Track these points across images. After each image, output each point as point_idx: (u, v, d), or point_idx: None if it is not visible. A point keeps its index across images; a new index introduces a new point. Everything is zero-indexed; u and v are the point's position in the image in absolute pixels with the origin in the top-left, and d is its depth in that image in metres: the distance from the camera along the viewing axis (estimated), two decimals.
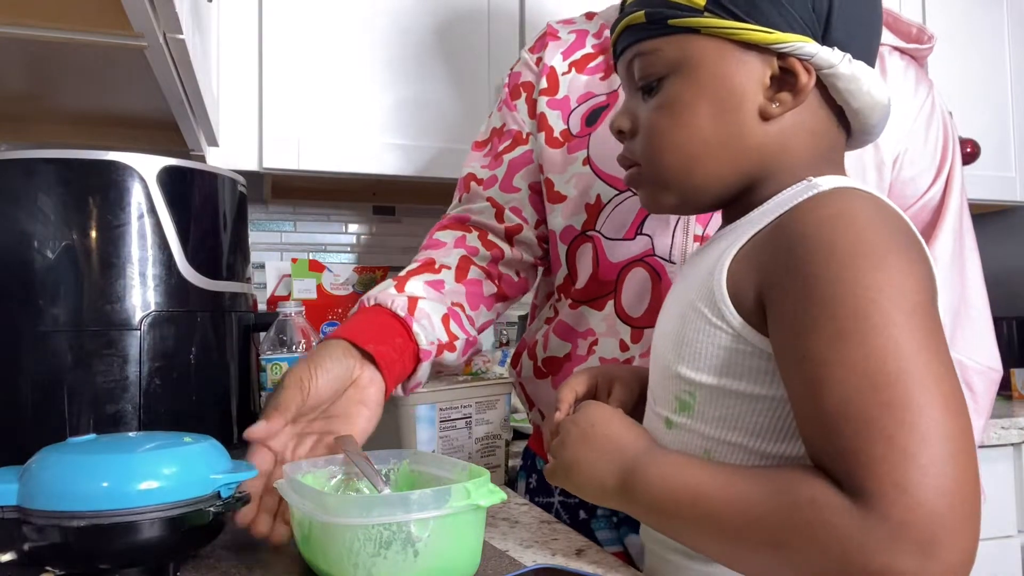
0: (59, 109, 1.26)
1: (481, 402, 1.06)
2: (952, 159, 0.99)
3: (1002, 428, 1.60)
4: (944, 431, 0.48)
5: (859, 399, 0.50)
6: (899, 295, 0.52)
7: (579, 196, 0.99)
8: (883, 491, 0.48)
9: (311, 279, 1.42)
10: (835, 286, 0.53)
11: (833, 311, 0.52)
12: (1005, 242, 2.20)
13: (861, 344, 0.51)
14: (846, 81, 0.62)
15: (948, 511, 0.46)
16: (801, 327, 0.54)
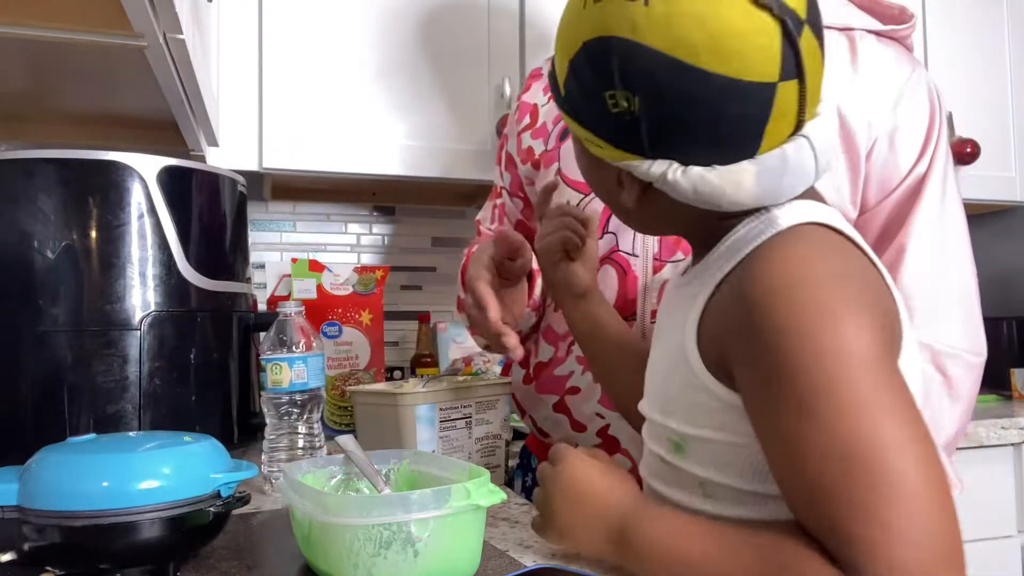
0: (59, 109, 1.26)
1: (481, 402, 1.06)
2: (937, 139, 0.96)
3: (1002, 428, 1.60)
4: (924, 498, 0.49)
5: (833, 475, 0.51)
6: (853, 358, 0.52)
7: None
8: (872, 568, 0.48)
9: (311, 279, 1.42)
10: (790, 363, 0.54)
11: (792, 386, 0.53)
12: (1005, 242, 2.20)
13: (826, 419, 0.52)
14: (672, 187, 0.62)
15: (938, 567, 0.48)
16: (767, 404, 0.55)
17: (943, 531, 0.48)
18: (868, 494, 0.49)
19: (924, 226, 0.94)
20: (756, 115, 0.59)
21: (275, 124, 1.50)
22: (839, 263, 0.58)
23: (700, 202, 0.62)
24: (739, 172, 0.60)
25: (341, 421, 1.40)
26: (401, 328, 1.91)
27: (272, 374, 0.94)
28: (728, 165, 0.60)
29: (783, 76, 0.58)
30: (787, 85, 0.59)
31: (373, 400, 1.07)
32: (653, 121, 0.60)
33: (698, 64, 0.57)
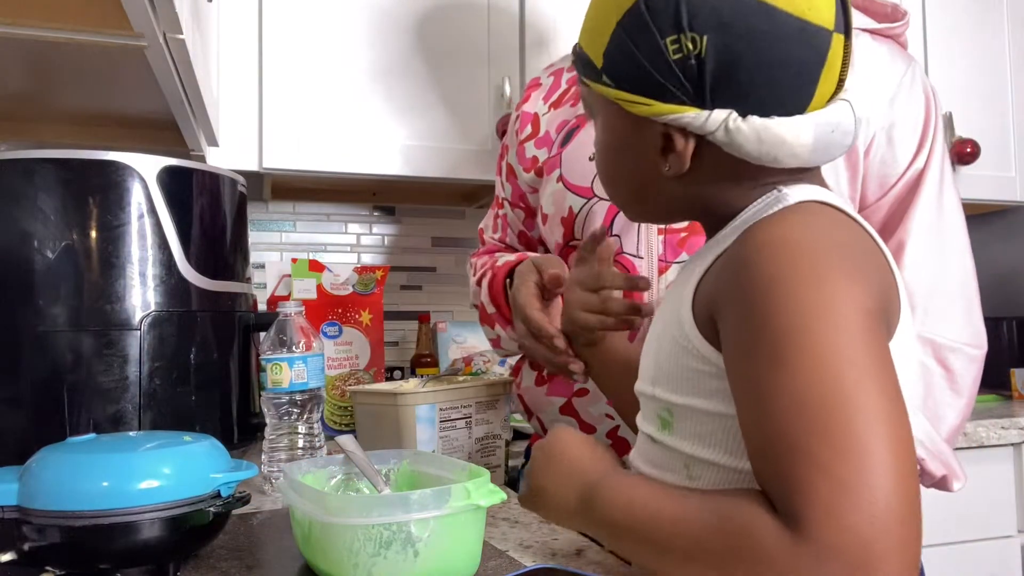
0: (59, 109, 1.26)
1: (481, 402, 1.06)
2: (934, 134, 0.97)
3: (1002, 428, 1.60)
4: (879, 456, 0.48)
5: (794, 426, 0.51)
6: (836, 316, 0.52)
7: (556, 212, 1.05)
8: (814, 516, 0.48)
9: (311, 279, 1.42)
10: (772, 311, 0.54)
11: (770, 336, 0.53)
12: (1005, 242, 2.20)
13: (797, 370, 0.52)
14: (733, 137, 0.61)
15: (881, 537, 0.47)
16: (742, 352, 0.56)
17: (898, 495, 0.48)
18: (825, 447, 0.49)
19: (923, 221, 0.94)
20: (814, 62, 0.60)
21: (275, 124, 1.50)
22: (840, 234, 0.58)
23: (760, 153, 0.61)
24: (799, 123, 0.61)
25: (341, 421, 1.40)
26: (401, 328, 1.92)
27: (272, 374, 0.94)
28: (787, 117, 0.61)
29: (836, 27, 0.60)
30: (838, 37, 0.60)
31: (373, 400, 1.07)
32: (720, 62, 0.60)
33: (770, 0, 0.59)
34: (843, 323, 0.52)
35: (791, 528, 0.49)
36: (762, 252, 0.57)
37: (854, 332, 0.52)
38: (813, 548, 0.47)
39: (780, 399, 0.52)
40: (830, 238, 0.57)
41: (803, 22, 0.59)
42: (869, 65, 0.96)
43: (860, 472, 0.48)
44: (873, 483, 0.48)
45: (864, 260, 0.58)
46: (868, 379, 0.51)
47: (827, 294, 0.53)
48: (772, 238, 0.57)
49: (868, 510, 0.47)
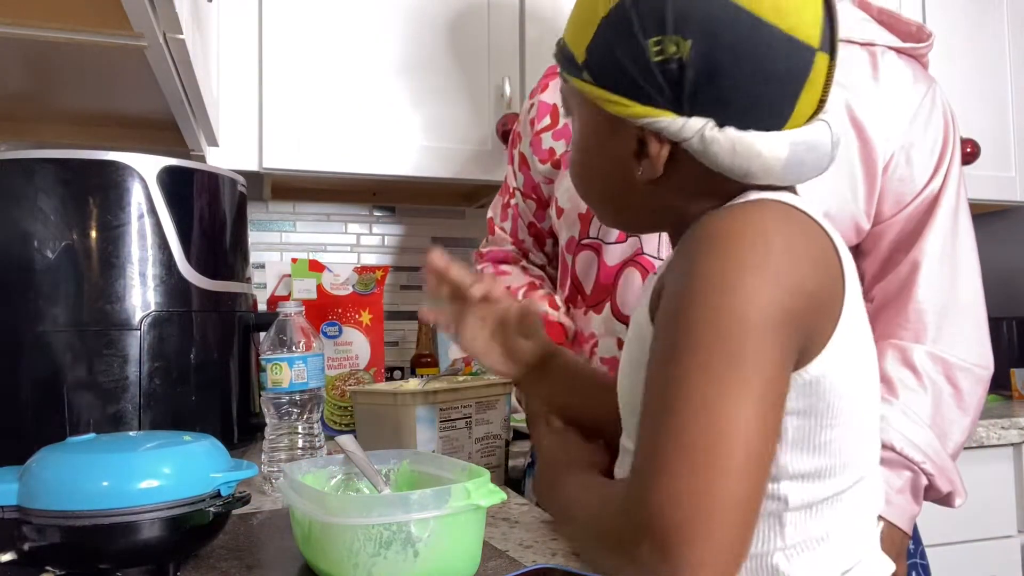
0: (59, 109, 1.26)
1: (481, 402, 1.06)
2: (952, 157, 0.99)
3: (1002, 428, 1.60)
4: (706, 461, 0.51)
5: (648, 415, 0.56)
6: (734, 321, 0.54)
7: (572, 208, 1.05)
8: (633, 501, 0.54)
9: (311, 279, 1.42)
10: (677, 308, 0.57)
11: (668, 332, 0.57)
12: (1005, 242, 2.20)
13: (666, 365, 0.55)
14: (708, 146, 0.60)
15: (682, 523, 0.51)
16: (656, 341, 0.59)
17: (707, 498, 0.51)
18: (664, 438, 0.53)
19: (937, 243, 0.97)
20: (796, 78, 0.59)
21: (275, 124, 1.50)
22: (777, 227, 0.58)
23: (731, 165, 0.60)
24: (775, 139, 0.60)
25: (341, 421, 1.40)
26: (401, 328, 1.91)
27: (272, 374, 0.94)
28: (766, 132, 0.60)
29: (822, 47, 0.59)
30: (823, 56, 0.60)
31: (373, 400, 1.07)
32: (701, 69, 0.59)
33: (758, 12, 0.58)
34: (733, 328, 0.54)
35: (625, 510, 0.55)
36: (694, 245, 0.58)
37: (743, 338, 0.53)
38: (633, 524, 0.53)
39: (650, 389, 0.57)
40: (761, 230, 0.57)
41: (790, 38, 0.58)
42: (894, 83, 0.97)
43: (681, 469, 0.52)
44: (688, 485, 0.51)
45: (796, 264, 0.57)
46: (735, 388, 0.53)
47: (731, 295, 0.54)
48: (705, 232, 0.58)
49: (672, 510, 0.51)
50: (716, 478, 0.51)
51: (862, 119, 0.95)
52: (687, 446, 0.52)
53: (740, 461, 0.52)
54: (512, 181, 1.22)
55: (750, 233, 0.57)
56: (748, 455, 0.52)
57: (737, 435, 0.52)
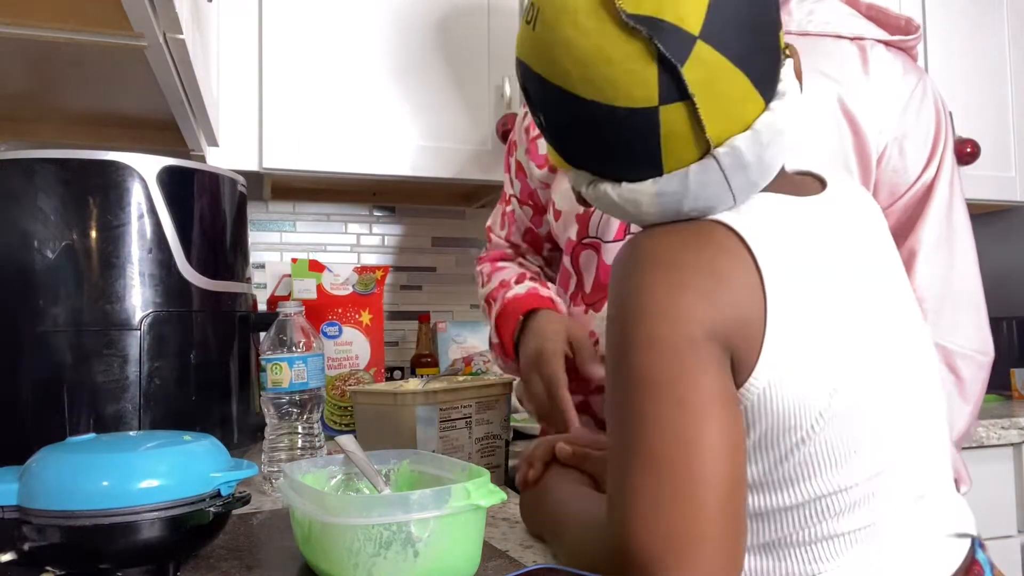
0: (59, 109, 1.26)
1: (481, 402, 1.06)
2: (944, 146, 1.00)
3: (1002, 428, 1.60)
4: (673, 486, 0.53)
5: (611, 440, 0.58)
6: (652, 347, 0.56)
7: (570, 209, 1.06)
8: (609, 521, 0.57)
9: (311, 279, 1.42)
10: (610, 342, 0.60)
11: (608, 353, 0.60)
12: (1005, 242, 2.20)
13: (612, 388, 0.59)
14: (591, 196, 0.66)
15: (663, 552, 0.52)
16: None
17: (680, 520, 0.53)
18: (628, 469, 0.55)
19: (933, 232, 0.97)
20: (642, 139, 0.59)
21: (275, 124, 1.50)
22: (690, 249, 0.59)
23: (615, 212, 0.65)
24: (639, 192, 0.61)
25: (341, 421, 1.40)
26: (401, 328, 1.91)
27: (272, 374, 0.94)
28: (632, 184, 0.62)
29: (663, 100, 0.57)
30: (672, 108, 0.57)
31: (373, 400, 1.07)
32: (555, 140, 0.64)
33: (573, 91, 0.59)
34: (654, 348, 0.56)
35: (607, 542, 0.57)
36: (617, 267, 0.62)
37: (664, 360, 0.56)
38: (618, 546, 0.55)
39: (608, 416, 0.59)
40: (674, 258, 0.59)
41: (613, 108, 0.57)
42: (884, 76, 0.98)
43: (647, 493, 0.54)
44: (656, 509, 0.54)
45: (704, 281, 0.58)
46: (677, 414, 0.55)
47: (651, 319, 0.57)
48: (627, 253, 0.62)
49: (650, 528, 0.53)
50: (687, 500, 0.52)
51: (854, 112, 0.95)
52: (652, 474, 0.54)
53: (705, 477, 0.53)
54: (509, 188, 1.23)
55: (665, 255, 0.59)
56: (712, 468, 0.53)
57: (696, 453, 0.53)
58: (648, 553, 0.52)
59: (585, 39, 0.57)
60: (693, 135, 0.59)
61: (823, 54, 0.98)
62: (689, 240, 0.60)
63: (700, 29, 0.56)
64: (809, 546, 0.61)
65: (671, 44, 0.55)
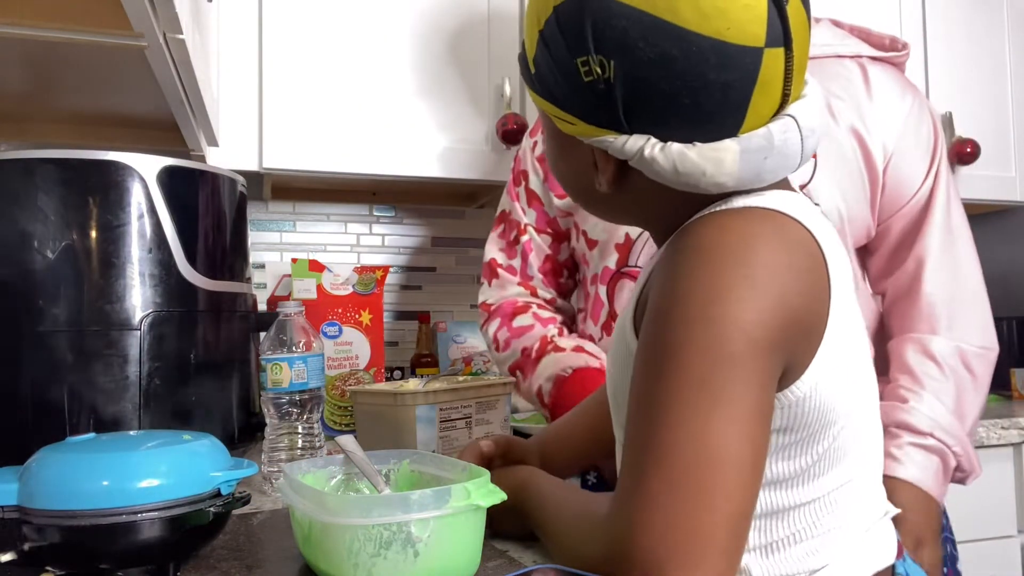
0: (59, 109, 1.26)
1: (481, 402, 1.06)
2: (940, 157, 1.07)
3: (1002, 428, 1.60)
4: (683, 489, 0.51)
5: (633, 433, 0.55)
6: (715, 338, 0.52)
7: (608, 239, 1.10)
8: (612, 519, 0.54)
9: (311, 279, 1.42)
10: (661, 327, 0.55)
11: (651, 351, 0.56)
12: (1005, 242, 2.20)
13: (648, 387, 0.54)
14: (649, 165, 0.58)
15: (670, 556, 0.50)
16: (637, 355, 0.58)
17: (693, 529, 0.50)
18: (648, 466, 0.52)
19: (936, 238, 1.05)
20: (740, 83, 0.55)
21: (275, 124, 1.50)
22: (761, 240, 0.55)
23: (679, 182, 0.58)
24: (721, 150, 0.56)
25: (341, 421, 1.39)
26: (401, 328, 1.91)
27: (272, 374, 0.94)
28: (709, 143, 0.57)
29: (769, 42, 0.54)
30: (773, 52, 0.55)
31: (373, 400, 1.07)
32: (629, 88, 0.56)
33: (678, 22, 0.54)
34: (715, 347, 0.52)
35: (611, 540, 0.54)
36: (676, 256, 0.56)
37: (724, 360, 0.52)
38: (618, 544, 0.53)
39: (639, 403, 0.55)
40: (748, 251, 0.54)
41: (721, 43, 0.54)
42: (884, 93, 1.05)
43: (658, 495, 0.52)
44: (664, 513, 0.51)
45: (780, 280, 0.54)
46: (713, 411, 0.52)
47: (718, 322, 0.52)
48: (688, 243, 0.56)
49: (655, 527, 0.51)
50: (703, 509, 0.51)
51: (860, 129, 1.03)
52: (672, 476, 0.51)
53: (727, 490, 0.51)
54: (522, 218, 1.22)
55: (733, 249, 0.54)
56: (735, 482, 0.51)
57: (723, 464, 0.51)
58: (652, 555, 0.50)
59: None
60: (780, 88, 0.57)
61: (830, 76, 1.05)
62: (756, 232, 0.55)
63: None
64: (815, 540, 0.61)
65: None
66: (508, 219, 1.26)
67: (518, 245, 1.23)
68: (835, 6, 1.36)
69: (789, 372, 0.55)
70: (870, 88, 1.05)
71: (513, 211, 1.24)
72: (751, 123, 0.57)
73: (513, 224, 1.24)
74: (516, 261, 1.24)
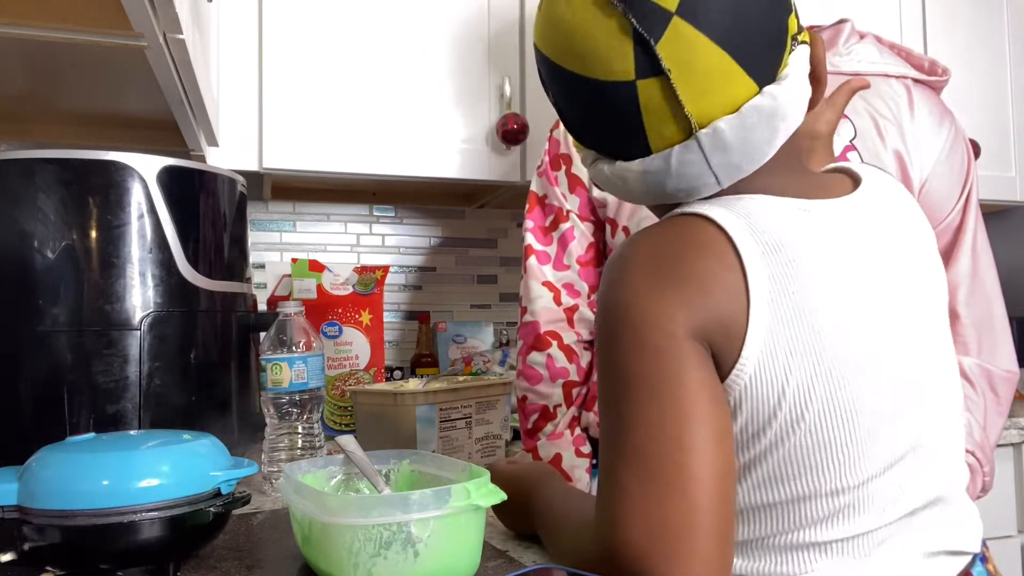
0: (59, 109, 1.26)
1: (481, 402, 1.06)
2: (971, 183, 1.08)
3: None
4: (647, 473, 0.54)
5: (602, 436, 0.59)
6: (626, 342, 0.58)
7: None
8: (596, 520, 0.57)
9: (311, 279, 1.42)
10: (599, 332, 0.61)
11: (597, 355, 0.61)
12: (1005, 242, 2.19)
13: (600, 388, 0.60)
14: (594, 175, 0.69)
15: (651, 548, 0.53)
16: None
17: (669, 517, 0.53)
18: (617, 465, 0.56)
19: (967, 264, 1.08)
20: (625, 114, 0.61)
21: (275, 124, 1.50)
22: (669, 248, 0.60)
23: (611, 190, 0.68)
24: (626, 170, 0.64)
25: (341, 421, 1.40)
26: (401, 328, 1.92)
27: (272, 374, 0.94)
28: (622, 162, 0.65)
29: (640, 74, 0.59)
30: (648, 83, 0.59)
31: (373, 400, 1.07)
32: (564, 116, 0.67)
33: (564, 66, 0.63)
34: (638, 349, 0.57)
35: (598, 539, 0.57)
36: (606, 270, 0.63)
37: (646, 361, 0.57)
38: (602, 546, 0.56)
39: (600, 413, 0.60)
40: (652, 255, 0.60)
41: (599, 81, 0.60)
42: (926, 116, 1.07)
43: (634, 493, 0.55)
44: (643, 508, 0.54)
45: (685, 281, 0.57)
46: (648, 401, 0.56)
47: (633, 323, 0.58)
48: (615, 256, 0.63)
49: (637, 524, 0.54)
50: (674, 495, 0.53)
51: (902, 152, 1.04)
52: (639, 469, 0.54)
53: (692, 472, 0.53)
54: (563, 203, 1.18)
55: (648, 257, 0.60)
56: (698, 463, 0.53)
57: (680, 449, 0.54)
58: (638, 550, 0.53)
59: (573, 15, 0.61)
60: (672, 112, 0.60)
61: (875, 95, 1.06)
62: (672, 243, 0.60)
63: (677, 6, 0.58)
64: (788, 551, 0.60)
65: (646, 19, 0.58)
66: (544, 204, 1.20)
67: (556, 231, 1.18)
68: (835, 6, 1.36)
69: (719, 361, 0.58)
70: (913, 111, 1.06)
71: (552, 195, 1.19)
72: (658, 144, 0.62)
73: (551, 209, 1.19)
74: (552, 248, 1.19)
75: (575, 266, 1.18)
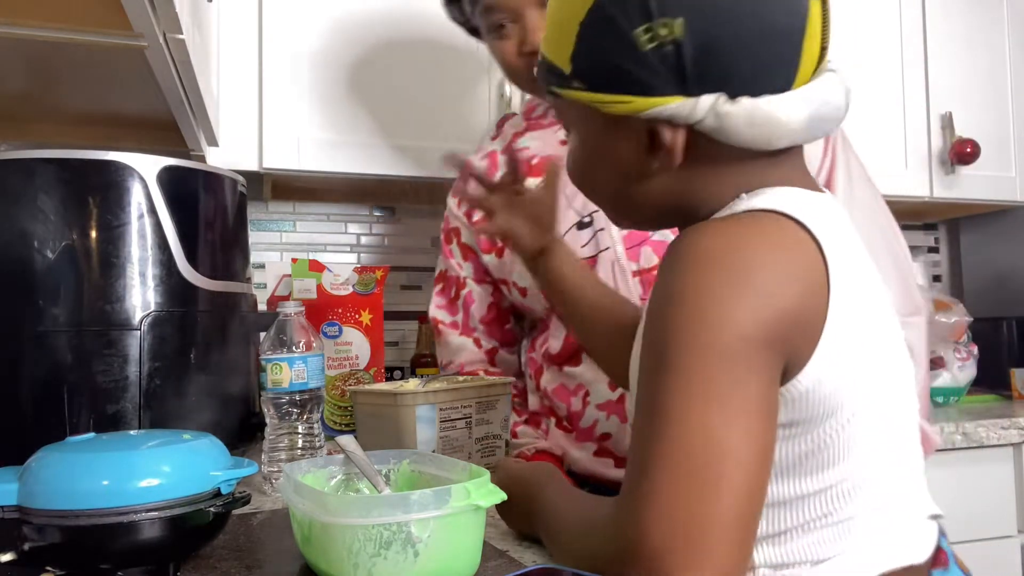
0: (59, 109, 1.26)
1: (481, 402, 1.06)
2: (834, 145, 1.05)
3: (1002, 428, 1.59)
4: (686, 479, 0.52)
5: (637, 431, 0.56)
6: (708, 340, 0.53)
7: (531, 284, 1.10)
8: (619, 514, 0.55)
9: (311, 279, 1.42)
10: (659, 327, 0.57)
11: (650, 352, 0.57)
12: (1005, 242, 2.19)
13: (649, 386, 0.56)
14: (723, 122, 0.59)
15: (674, 549, 0.51)
16: (642, 355, 0.59)
17: (698, 520, 0.51)
18: (652, 461, 0.53)
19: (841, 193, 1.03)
20: (795, 30, 0.59)
21: (275, 124, 1.50)
22: (756, 244, 0.57)
23: (752, 137, 0.59)
24: (789, 100, 0.59)
25: (341, 421, 1.39)
26: (401, 328, 1.91)
27: (272, 374, 0.94)
28: (776, 95, 0.59)
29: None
30: (816, 2, 0.60)
31: (373, 400, 1.07)
32: (700, 43, 0.58)
33: None
34: (709, 348, 0.53)
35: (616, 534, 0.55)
36: (670, 260, 0.58)
37: (717, 359, 0.53)
38: (622, 543, 0.54)
39: (638, 407, 0.57)
40: (742, 255, 0.56)
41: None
42: None
43: (663, 487, 0.53)
44: (669, 504, 0.52)
45: (772, 282, 0.55)
46: (712, 405, 0.53)
47: (710, 323, 0.54)
48: (681, 249, 0.58)
49: (653, 527, 0.52)
50: (706, 501, 0.51)
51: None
52: (675, 470, 0.52)
53: (731, 481, 0.52)
54: (458, 272, 1.25)
55: (727, 252, 0.56)
56: (738, 474, 0.52)
57: (726, 457, 0.52)
58: (660, 548, 0.51)
59: None
60: (820, 39, 0.60)
61: None
62: (750, 235, 0.57)
63: None
64: (824, 530, 0.60)
65: None
66: (446, 277, 1.28)
67: (459, 300, 1.26)
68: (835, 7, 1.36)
69: (790, 368, 0.56)
70: None
71: (450, 268, 1.27)
72: (801, 78, 0.60)
73: (451, 281, 1.27)
74: (459, 316, 1.26)
75: (480, 327, 1.25)
